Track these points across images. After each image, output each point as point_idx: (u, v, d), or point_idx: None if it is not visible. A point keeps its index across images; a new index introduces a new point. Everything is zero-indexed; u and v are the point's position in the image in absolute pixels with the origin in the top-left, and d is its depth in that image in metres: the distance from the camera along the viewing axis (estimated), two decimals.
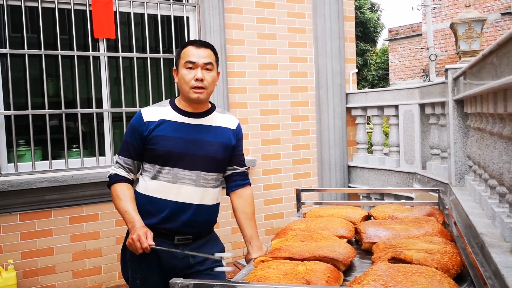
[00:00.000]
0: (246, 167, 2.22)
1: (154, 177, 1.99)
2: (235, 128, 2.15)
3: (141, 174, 2.07)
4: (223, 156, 2.06)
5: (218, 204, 2.14)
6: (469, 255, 1.52)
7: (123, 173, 2.01)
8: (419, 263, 1.48)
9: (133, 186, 2.07)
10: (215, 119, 2.09)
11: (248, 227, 2.08)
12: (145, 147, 1.99)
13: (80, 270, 3.94)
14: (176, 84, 2.08)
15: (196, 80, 1.94)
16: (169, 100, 2.09)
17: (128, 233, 2.02)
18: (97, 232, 3.99)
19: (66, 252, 3.87)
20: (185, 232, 2.02)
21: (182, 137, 1.98)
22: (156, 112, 2.01)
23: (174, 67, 2.04)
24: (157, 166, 1.98)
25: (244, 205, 2.13)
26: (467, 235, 2.03)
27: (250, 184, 2.21)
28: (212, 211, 2.09)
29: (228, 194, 2.19)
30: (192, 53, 1.94)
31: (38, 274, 3.77)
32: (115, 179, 2.01)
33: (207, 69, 1.97)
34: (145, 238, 1.81)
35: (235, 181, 2.16)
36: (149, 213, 1.98)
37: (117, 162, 2.03)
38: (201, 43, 1.99)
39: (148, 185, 2.01)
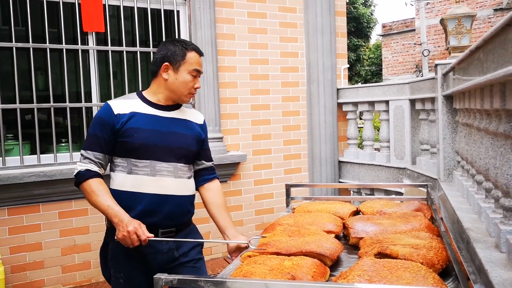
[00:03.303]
0: (213, 162, 2.27)
1: (130, 172, 1.96)
2: (202, 123, 2.20)
3: (112, 170, 2.01)
4: (196, 149, 2.11)
5: (194, 195, 2.15)
6: (454, 250, 1.53)
7: (94, 168, 1.93)
8: (404, 258, 1.48)
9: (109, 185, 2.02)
10: (184, 113, 2.12)
11: (221, 218, 2.13)
12: (117, 140, 1.95)
13: (69, 265, 3.92)
14: (161, 78, 2.01)
15: (196, 88, 2.03)
16: (135, 93, 2.08)
17: (109, 230, 2.00)
18: (86, 227, 3.97)
19: (55, 247, 3.85)
20: (167, 225, 2.01)
21: (157, 129, 1.98)
22: (126, 105, 1.98)
23: (167, 63, 1.99)
24: (132, 160, 1.95)
25: (214, 196, 2.18)
26: (454, 230, 2.04)
27: (217, 178, 2.25)
28: (190, 201, 2.11)
29: (197, 189, 2.20)
30: (199, 62, 2.02)
31: (26, 269, 3.75)
32: (87, 175, 1.91)
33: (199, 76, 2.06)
34: (141, 230, 1.77)
35: (203, 176, 2.20)
36: (129, 208, 1.92)
37: (86, 158, 1.93)
38: (201, 52, 2.06)
39: (125, 180, 1.96)
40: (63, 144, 4.13)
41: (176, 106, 2.09)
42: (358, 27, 18.02)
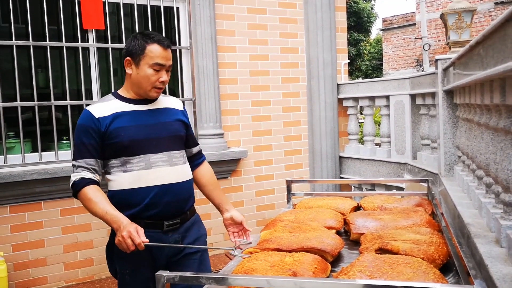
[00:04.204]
0: (199, 144, 2.31)
1: (126, 170, 1.96)
2: (183, 109, 2.19)
3: (107, 173, 2.01)
4: (184, 133, 2.13)
5: (192, 179, 2.17)
6: (454, 246, 1.53)
7: (88, 175, 1.91)
8: (405, 253, 1.49)
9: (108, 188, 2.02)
10: (162, 102, 2.10)
11: (216, 196, 2.23)
12: (105, 142, 1.94)
13: (72, 262, 3.93)
14: (127, 74, 2.00)
15: (161, 82, 1.97)
16: (110, 94, 2.06)
17: (113, 232, 1.99)
18: (88, 224, 3.98)
19: (57, 244, 3.87)
20: (172, 216, 2.02)
21: (142, 123, 1.98)
22: (105, 107, 1.97)
23: (129, 58, 1.96)
24: (125, 158, 1.95)
25: (206, 178, 2.25)
26: (455, 225, 2.04)
27: (205, 159, 2.31)
28: (189, 186, 2.11)
29: None
30: (162, 55, 1.94)
31: (29, 266, 3.77)
32: (82, 183, 1.89)
33: (167, 70, 2.00)
34: (136, 234, 1.76)
35: (193, 161, 2.23)
36: (131, 205, 1.94)
37: (78, 167, 1.92)
38: (168, 44, 1.98)
39: (122, 179, 1.96)
40: (64, 142, 4.14)
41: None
42: (358, 21, 17.96)
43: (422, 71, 14.48)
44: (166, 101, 2.12)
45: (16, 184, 3.61)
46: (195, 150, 2.25)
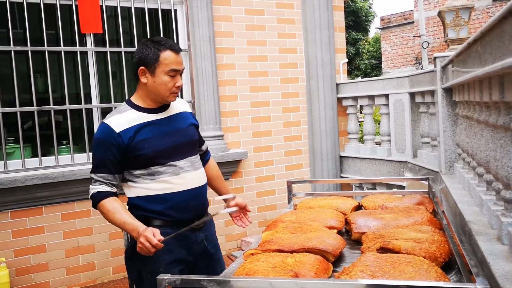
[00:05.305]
0: (205, 141, 2.40)
1: (154, 178, 2.00)
2: (191, 111, 2.25)
3: (132, 181, 2.03)
4: (197, 137, 2.21)
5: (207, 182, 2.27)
6: (456, 244, 1.53)
7: (106, 188, 1.96)
8: (407, 252, 1.48)
9: (128, 194, 2.06)
10: (175, 107, 2.14)
11: (223, 188, 2.40)
12: (128, 155, 1.96)
13: (74, 266, 3.93)
14: (141, 83, 2.00)
15: (177, 87, 2.00)
16: (124, 103, 2.06)
17: (133, 239, 2.01)
18: (89, 228, 3.98)
19: (59, 248, 3.86)
20: (198, 217, 2.10)
21: (162, 132, 2.02)
22: (123, 119, 1.98)
23: (143, 67, 1.96)
24: (152, 168, 1.99)
25: (214, 172, 2.38)
26: (456, 223, 2.04)
27: (210, 154, 2.43)
28: (206, 188, 2.21)
29: None
30: (176, 61, 1.97)
31: (31, 271, 3.76)
32: (99, 196, 1.94)
33: (181, 74, 2.04)
34: (152, 236, 1.79)
35: (203, 158, 2.32)
36: (163, 210, 2.00)
37: (96, 181, 1.96)
38: (179, 48, 2.01)
39: (152, 187, 2.01)
40: (64, 146, 4.13)
41: (166, 105, 2.10)
42: (356, 21, 17.95)
43: (421, 69, 14.48)
44: (177, 105, 2.16)
45: (17, 190, 3.61)
46: (204, 147, 2.34)
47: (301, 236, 1.72)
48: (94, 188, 1.97)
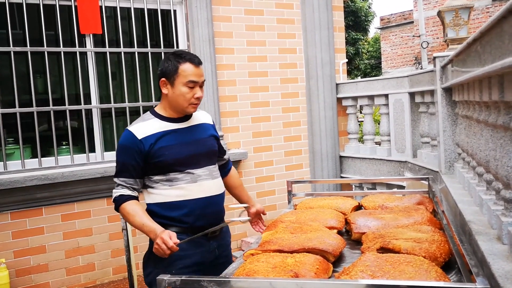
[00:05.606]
0: (226, 152, 2.46)
1: (172, 185, 2.07)
2: (212, 123, 2.32)
3: (150, 187, 2.11)
4: (216, 148, 2.27)
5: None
6: (456, 243, 1.53)
7: (127, 192, 2.04)
8: (407, 252, 1.48)
9: (147, 200, 2.13)
10: (196, 118, 2.22)
11: (245, 195, 2.47)
12: (149, 161, 2.04)
13: (74, 267, 3.93)
14: (163, 94, 2.09)
15: (197, 98, 2.07)
16: (148, 112, 2.15)
17: (151, 241, 2.08)
18: (89, 229, 3.97)
19: (58, 249, 3.86)
20: (213, 225, 2.13)
21: (183, 141, 2.10)
22: (147, 127, 2.07)
23: (164, 79, 2.05)
24: (171, 175, 2.06)
25: (236, 181, 2.47)
26: (456, 223, 2.04)
27: (232, 164, 2.50)
28: (223, 197, 2.27)
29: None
30: (194, 73, 2.04)
31: (31, 272, 3.76)
32: (121, 200, 2.04)
33: (201, 86, 2.10)
34: (168, 239, 1.85)
35: (224, 168, 2.40)
36: (179, 216, 2.05)
37: (119, 185, 2.06)
38: (198, 61, 2.08)
39: (169, 193, 2.07)
40: (64, 147, 4.13)
41: (189, 115, 2.18)
42: (356, 20, 17.95)
43: (421, 68, 14.47)
44: (199, 117, 2.24)
45: (16, 190, 3.61)
46: (226, 157, 2.42)
47: (301, 236, 1.72)
48: (116, 192, 2.05)
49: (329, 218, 1.99)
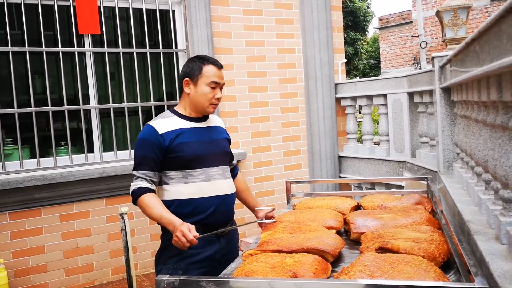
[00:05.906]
0: (234, 157, 2.52)
1: (187, 181, 2.14)
2: (224, 128, 2.43)
3: (165, 183, 2.17)
4: (229, 150, 2.37)
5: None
6: (454, 243, 1.53)
7: (146, 184, 2.09)
8: (406, 252, 1.48)
9: (160, 196, 2.17)
10: (212, 120, 2.32)
11: (252, 199, 2.53)
12: (167, 156, 2.11)
13: (72, 267, 3.93)
14: (185, 93, 2.19)
15: (217, 99, 2.18)
16: (169, 110, 2.26)
17: (163, 237, 2.19)
18: (88, 229, 3.97)
19: (57, 250, 3.86)
20: (223, 224, 2.22)
21: (201, 140, 2.19)
22: (167, 123, 2.16)
23: (187, 78, 2.16)
24: (187, 171, 2.13)
25: (243, 184, 2.53)
26: (455, 223, 2.04)
27: (238, 169, 2.57)
28: (235, 197, 2.35)
29: None
30: (217, 75, 2.17)
31: (29, 273, 3.76)
32: (139, 192, 2.07)
33: (221, 88, 2.22)
34: (188, 232, 1.88)
35: (232, 172, 2.46)
36: (190, 215, 2.10)
37: (137, 177, 2.10)
38: (220, 65, 2.21)
39: (183, 190, 2.14)
40: (63, 147, 4.13)
41: (205, 116, 2.28)
42: (354, 21, 17.98)
43: (419, 68, 14.47)
44: (214, 120, 2.35)
45: (15, 191, 3.61)
46: (234, 162, 2.49)
47: (300, 237, 1.72)
48: (135, 185, 2.10)
49: (328, 218, 2.00)
